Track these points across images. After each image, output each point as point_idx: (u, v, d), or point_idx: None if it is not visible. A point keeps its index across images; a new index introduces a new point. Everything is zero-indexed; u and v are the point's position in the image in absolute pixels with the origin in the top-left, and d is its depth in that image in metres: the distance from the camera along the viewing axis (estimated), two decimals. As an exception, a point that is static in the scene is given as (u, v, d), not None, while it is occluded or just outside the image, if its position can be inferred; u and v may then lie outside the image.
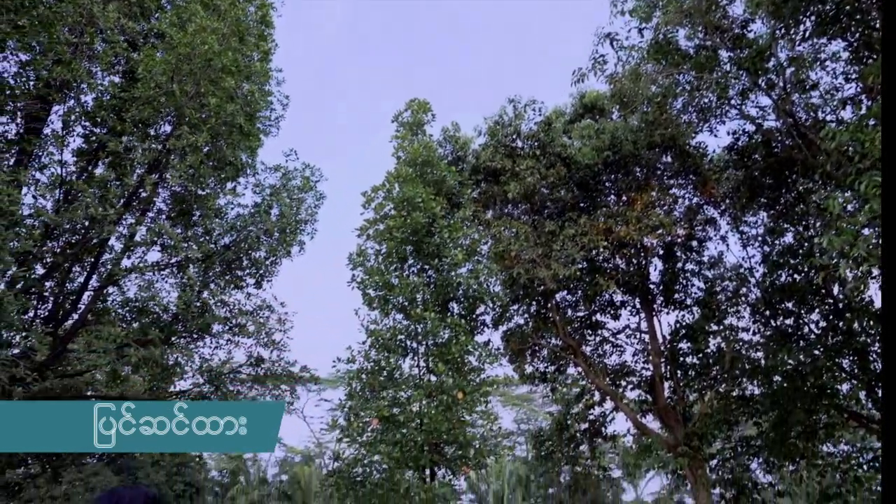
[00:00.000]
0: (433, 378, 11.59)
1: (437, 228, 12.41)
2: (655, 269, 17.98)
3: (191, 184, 10.96)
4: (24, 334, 8.84)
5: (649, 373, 17.81)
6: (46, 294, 11.87)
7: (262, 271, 12.93)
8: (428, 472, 11.43)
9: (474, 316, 14.78)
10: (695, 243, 17.19)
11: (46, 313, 11.74)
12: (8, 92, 10.67)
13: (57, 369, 12.74)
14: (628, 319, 18.61)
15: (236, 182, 12.67)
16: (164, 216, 12.96)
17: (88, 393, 15.83)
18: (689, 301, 17.54)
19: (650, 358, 17.54)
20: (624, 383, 18.25)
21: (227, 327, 12.55)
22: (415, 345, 12.17)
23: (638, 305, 18.13)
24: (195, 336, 12.79)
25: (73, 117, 11.47)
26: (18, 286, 9.54)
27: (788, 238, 14.67)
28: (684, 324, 17.18)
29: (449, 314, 12.54)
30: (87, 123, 11.87)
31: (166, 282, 12.66)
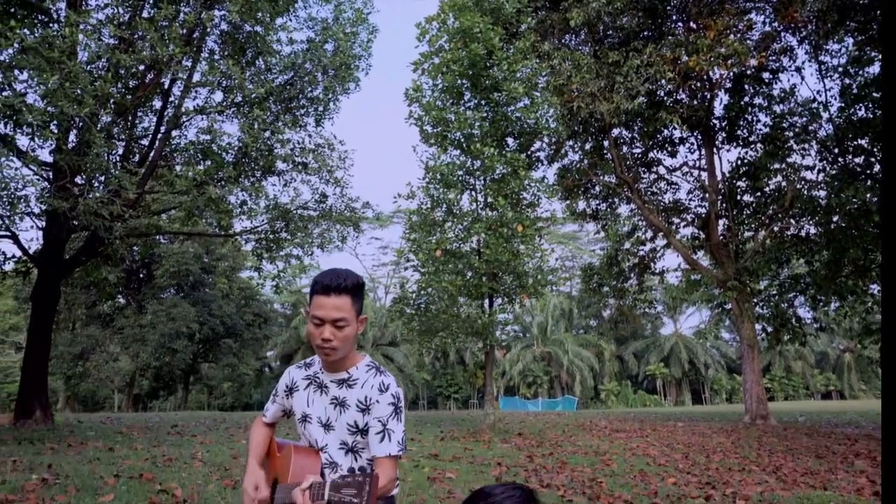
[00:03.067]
0: (490, 212, 11.93)
1: (496, 61, 11.96)
2: (720, 104, 17.20)
3: (247, 18, 10.69)
4: (112, 174, 9.36)
5: (704, 210, 17.80)
6: (114, 139, 12.33)
7: (320, 109, 12.99)
8: (487, 300, 12.23)
9: (529, 152, 14.72)
10: (767, 75, 16.14)
11: (118, 158, 12.29)
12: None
13: (138, 208, 13.64)
14: (686, 157, 18.35)
15: (289, 17, 12.28)
16: (217, 56, 12.86)
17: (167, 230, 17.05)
18: (752, 138, 16.93)
19: (706, 195, 17.42)
20: (677, 220, 18.39)
21: (290, 166, 12.94)
22: (472, 180, 12.37)
23: (698, 142, 17.64)
24: (260, 176, 13.29)
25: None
26: (97, 128, 9.93)
27: (874, 68, 13.56)
28: (745, 161, 16.75)
29: (506, 149, 12.52)
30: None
31: (231, 123, 12.90)
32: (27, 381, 11.60)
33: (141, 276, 34.15)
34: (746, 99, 16.53)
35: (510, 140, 13.39)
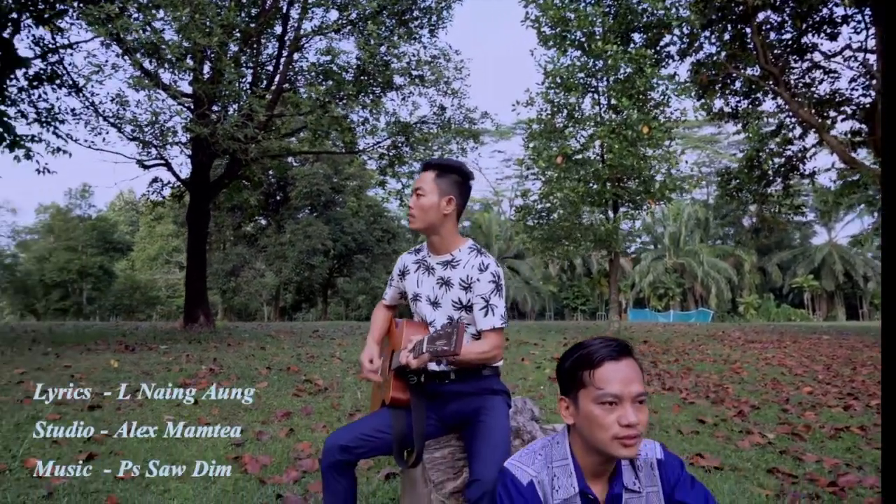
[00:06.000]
0: (614, 115, 11.28)
1: (619, -55, 10.89)
2: (897, -32, 14.45)
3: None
4: (243, 100, 9.96)
5: (868, 100, 15.51)
6: (242, 66, 12.97)
7: (433, 19, 12.74)
8: (611, 207, 11.82)
9: (658, 47, 13.52)
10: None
11: (248, 84, 12.98)
12: None
13: (269, 130, 14.51)
14: (849, 39, 15.89)
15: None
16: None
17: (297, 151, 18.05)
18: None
19: (872, 83, 15.09)
20: (833, 114, 16.25)
21: (407, 80, 12.97)
22: (594, 82, 11.68)
23: (866, 19, 15.12)
24: (379, 92, 13.47)
25: None
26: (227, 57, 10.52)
27: None
28: (927, 36, 14.16)
29: (631, 46, 11.58)
30: None
31: (348, 41, 13.06)
32: (190, 292, 13.43)
33: (278, 198, 36.84)
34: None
35: (636, 36, 12.36)
